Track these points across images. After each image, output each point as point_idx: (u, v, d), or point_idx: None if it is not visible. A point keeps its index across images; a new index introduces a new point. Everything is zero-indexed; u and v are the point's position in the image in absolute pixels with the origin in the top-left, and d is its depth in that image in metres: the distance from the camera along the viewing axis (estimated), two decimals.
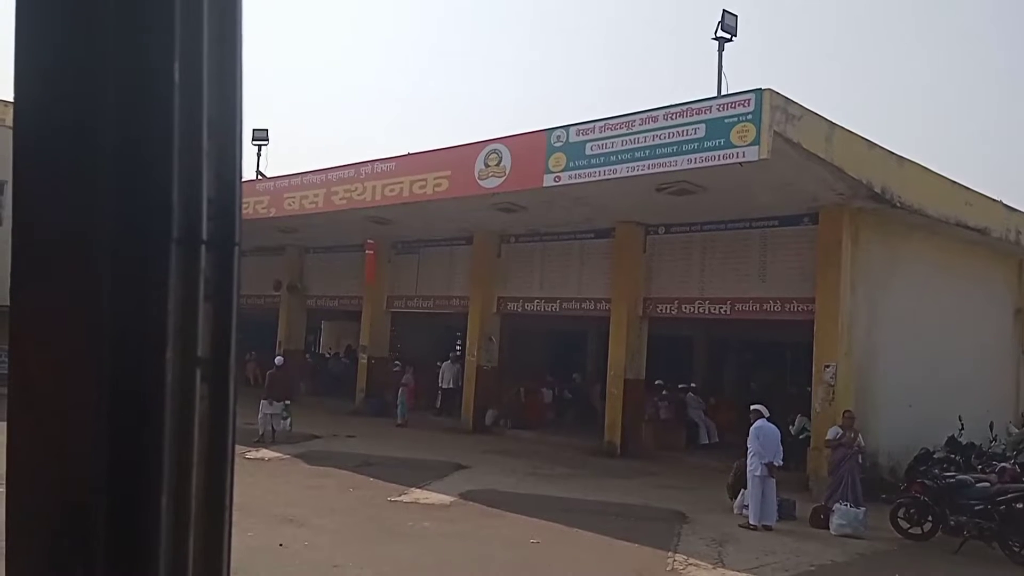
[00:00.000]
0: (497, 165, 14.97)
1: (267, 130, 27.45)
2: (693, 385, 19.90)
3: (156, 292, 0.64)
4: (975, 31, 60.32)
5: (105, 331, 0.65)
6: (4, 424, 0.71)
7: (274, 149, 71.02)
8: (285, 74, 70.07)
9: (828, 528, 11.06)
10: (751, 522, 11.02)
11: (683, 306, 16.96)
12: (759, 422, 11.55)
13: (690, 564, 9.08)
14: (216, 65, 0.67)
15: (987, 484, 10.70)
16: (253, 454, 14.53)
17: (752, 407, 11.77)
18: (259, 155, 27.30)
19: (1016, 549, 9.51)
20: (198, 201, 0.66)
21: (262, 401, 16.76)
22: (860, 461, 11.77)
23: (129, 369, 0.65)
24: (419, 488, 12.48)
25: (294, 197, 19.66)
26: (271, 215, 20.03)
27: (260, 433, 16.36)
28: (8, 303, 0.72)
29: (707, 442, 18.45)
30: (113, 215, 0.65)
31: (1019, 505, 9.70)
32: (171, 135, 0.65)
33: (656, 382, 18.67)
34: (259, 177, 23.74)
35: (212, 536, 0.68)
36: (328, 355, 29.99)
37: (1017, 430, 15.74)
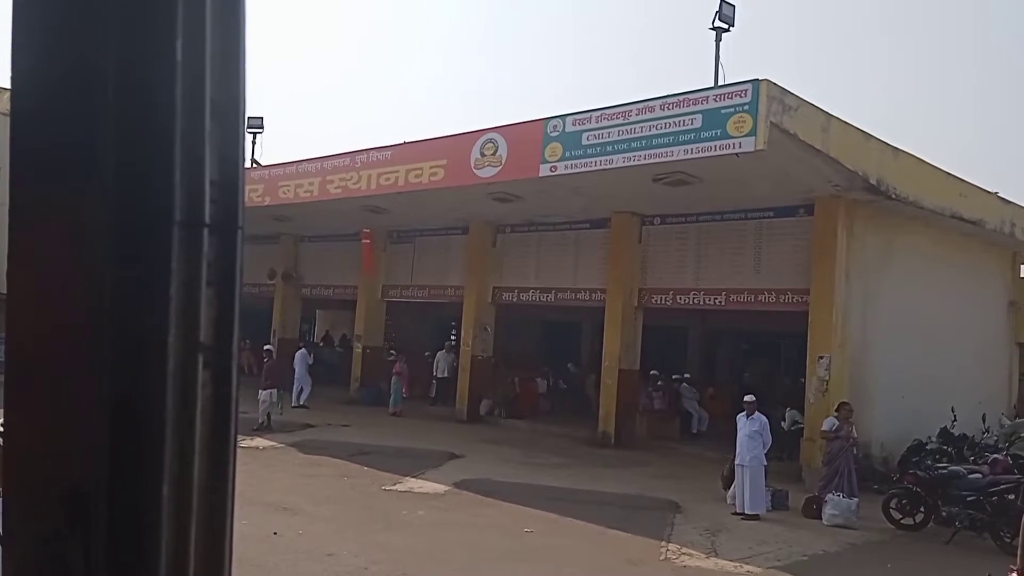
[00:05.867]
0: (493, 154, 14.93)
1: (262, 118, 27.37)
2: (687, 375, 19.95)
3: (158, 276, 0.63)
4: (976, 21, 60.33)
5: (106, 316, 0.63)
6: (1, 411, 0.69)
7: (269, 137, 70.71)
8: (280, 61, 69.72)
9: (820, 518, 11.11)
10: (753, 511, 11.05)
11: (678, 297, 16.97)
12: (758, 414, 11.57)
13: (683, 553, 9.12)
14: (219, 44, 0.65)
15: (979, 475, 10.75)
16: (247, 442, 14.52)
17: (748, 398, 11.78)
18: (254, 143, 27.22)
19: (1007, 540, 9.54)
20: (200, 183, 0.65)
21: (261, 391, 16.83)
22: (855, 452, 11.81)
23: (130, 354, 0.63)
24: (413, 477, 12.50)
25: (289, 185, 19.59)
26: (266, 203, 19.95)
27: (260, 422, 16.44)
28: (5, 288, 0.71)
29: (696, 431, 18.56)
30: (114, 198, 0.63)
31: (1011, 496, 9.76)
32: (173, 116, 0.63)
33: (651, 372, 18.71)
34: (254, 165, 23.65)
35: (214, 525, 0.67)
36: (320, 344, 29.94)
37: (1009, 422, 15.82)
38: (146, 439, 0.63)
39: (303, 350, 21.87)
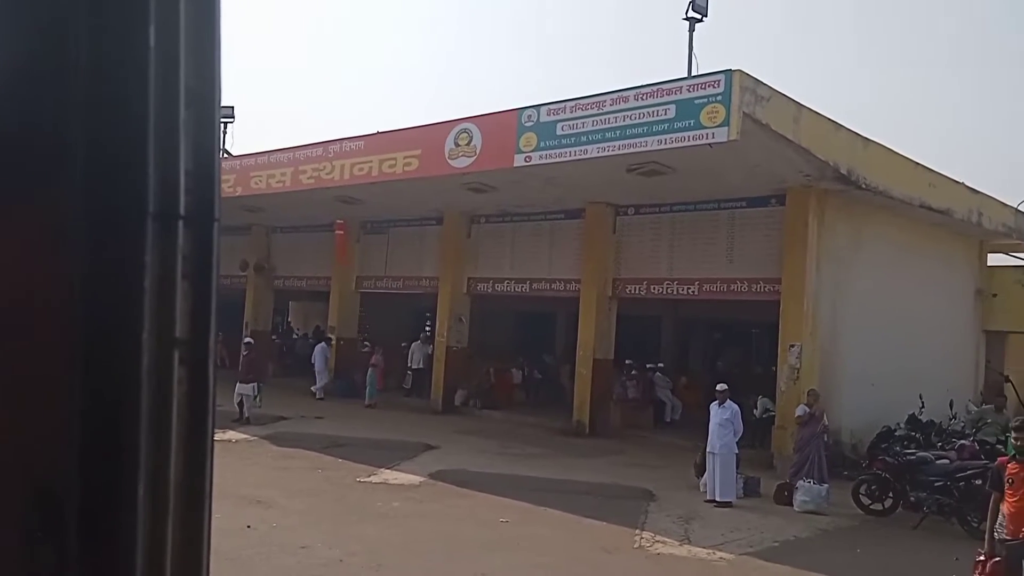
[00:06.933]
0: (467, 144, 14.86)
1: (233, 107, 27.06)
2: (661, 364, 20.07)
3: (131, 270, 0.61)
4: (953, 9, 61.08)
5: (77, 311, 0.61)
6: None
7: (240, 127, 69.82)
8: (252, 50, 68.84)
9: (792, 505, 11.25)
10: (724, 499, 11.16)
11: (652, 286, 17.06)
12: (730, 402, 11.68)
13: (657, 541, 9.20)
14: (193, 29, 0.63)
15: (947, 461, 10.95)
16: (220, 436, 14.38)
17: (720, 387, 11.88)
18: (225, 132, 26.89)
19: (975, 524, 9.73)
20: (175, 174, 0.63)
21: (240, 384, 16.67)
22: (826, 439, 11.97)
23: (103, 351, 0.61)
24: (388, 469, 12.47)
25: (260, 176, 19.37)
26: (237, 194, 19.72)
27: (244, 416, 16.39)
28: None
29: (669, 420, 18.73)
30: (84, 189, 0.61)
31: (977, 481, 9.92)
32: (146, 104, 0.61)
33: (625, 362, 18.82)
34: (225, 155, 23.36)
35: (191, 524, 0.65)
36: (296, 336, 29.77)
37: (976, 408, 16.09)
38: (121, 437, 0.61)
39: (323, 344, 22.05)
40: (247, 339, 19.39)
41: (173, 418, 0.63)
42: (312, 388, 21.51)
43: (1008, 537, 6.45)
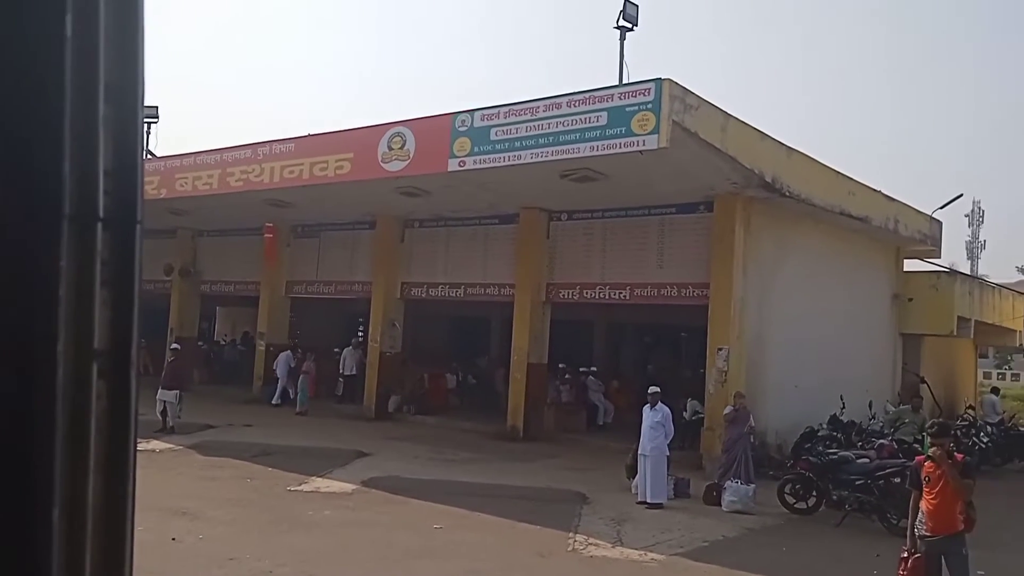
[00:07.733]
0: (401, 148, 14.75)
1: (157, 107, 26.30)
2: (593, 368, 20.28)
3: (45, 276, 0.56)
4: (886, 18, 63.40)
5: None
6: None
7: (164, 128, 67.91)
8: (178, 48, 67.08)
9: (720, 505, 11.48)
10: (656, 500, 11.30)
11: (584, 291, 17.23)
12: (661, 405, 11.85)
13: (590, 544, 9.26)
14: (114, 20, 0.59)
15: (867, 460, 11.34)
16: (143, 446, 13.91)
17: (652, 390, 12.05)
18: (148, 133, 26.08)
19: (894, 521, 10.10)
20: (94, 174, 0.58)
21: (164, 390, 16.11)
22: (752, 440, 12.26)
23: (15, 364, 0.56)
24: (320, 477, 12.25)
25: (187, 178, 18.84)
26: (162, 196, 19.13)
27: (170, 425, 15.86)
28: None
29: (601, 423, 18.95)
30: None
31: (896, 479, 10.30)
32: (62, 98, 0.57)
33: (559, 366, 18.94)
34: (149, 156, 22.64)
35: (112, 550, 0.61)
36: (223, 342, 29.07)
37: (894, 408, 16.74)
38: (34, 457, 0.57)
39: (288, 352, 21.73)
40: (175, 345, 18.85)
41: (91, 435, 0.59)
42: (273, 400, 21.27)
43: (928, 533, 6.70)
